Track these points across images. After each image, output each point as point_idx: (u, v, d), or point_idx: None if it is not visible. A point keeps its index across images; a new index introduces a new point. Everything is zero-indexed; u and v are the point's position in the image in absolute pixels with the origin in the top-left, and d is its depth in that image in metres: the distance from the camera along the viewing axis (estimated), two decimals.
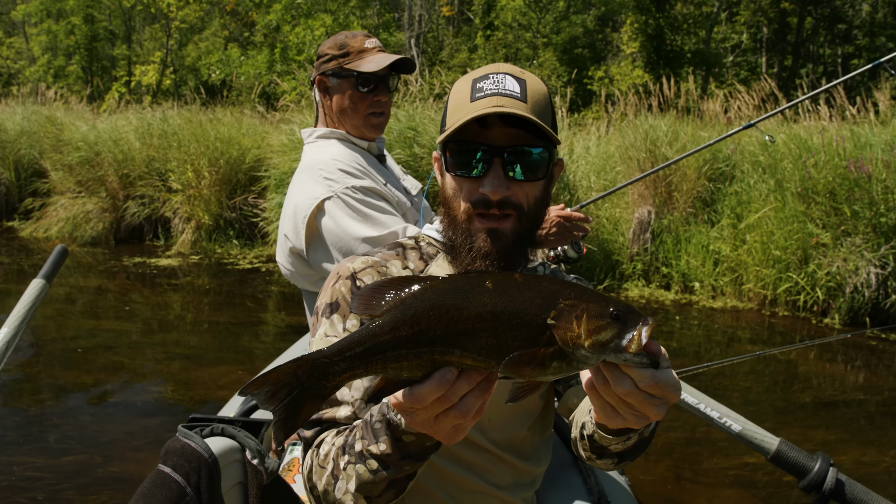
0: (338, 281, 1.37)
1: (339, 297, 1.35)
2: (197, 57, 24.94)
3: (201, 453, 1.50)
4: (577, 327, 0.92)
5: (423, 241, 1.50)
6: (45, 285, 2.73)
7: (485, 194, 1.31)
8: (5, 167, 11.73)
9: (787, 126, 9.00)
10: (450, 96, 1.39)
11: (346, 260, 1.41)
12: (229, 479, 1.59)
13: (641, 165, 8.58)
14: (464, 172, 1.33)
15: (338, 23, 17.43)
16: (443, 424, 0.99)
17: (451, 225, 1.38)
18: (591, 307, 0.93)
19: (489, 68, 1.37)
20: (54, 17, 28.35)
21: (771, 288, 7.45)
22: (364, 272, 1.37)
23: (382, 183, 2.28)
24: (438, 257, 1.45)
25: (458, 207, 1.36)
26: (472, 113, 1.29)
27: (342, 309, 1.34)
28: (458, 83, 1.39)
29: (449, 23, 28.98)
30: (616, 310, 0.93)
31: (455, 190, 1.36)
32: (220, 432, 1.65)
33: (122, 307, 7.23)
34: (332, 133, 2.34)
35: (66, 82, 25.15)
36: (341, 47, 2.30)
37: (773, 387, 5.51)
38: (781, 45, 25.10)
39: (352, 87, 2.29)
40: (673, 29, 21.53)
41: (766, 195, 7.89)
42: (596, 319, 0.92)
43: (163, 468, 1.47)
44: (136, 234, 10.60)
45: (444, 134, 1.36)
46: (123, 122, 11.47)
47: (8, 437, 4.20)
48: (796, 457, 2.02)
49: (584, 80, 21.00)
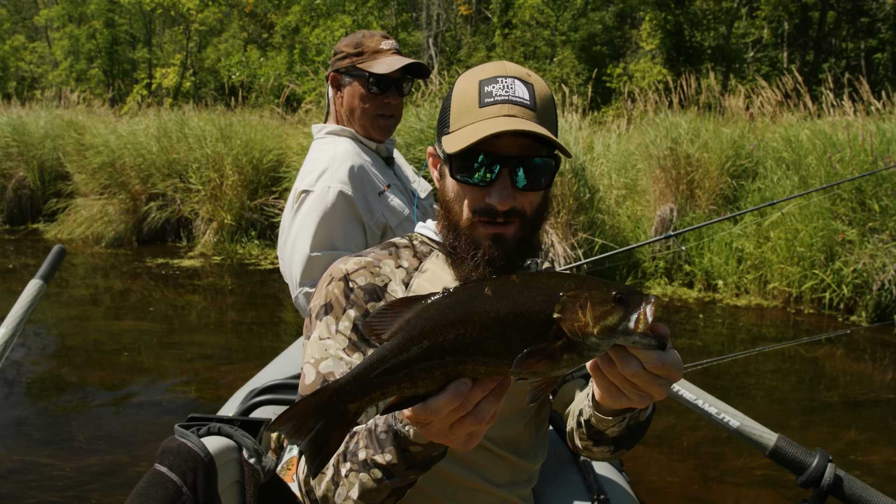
0: (331, 282, 1.36)
1: (332, 298, 1.34)
2: (216, 59, 25.10)
3: (198, 452, 1.50)
4: (584, 316, 0.94)
5: (417, 240, 1.48)
6: (43, 286, 2.75)
7: (491, 204, 1.30)
8: (29, 170, 11.87)
9: (811, 122, 8.90)
10: (453, 95, 1.35)
11: (339, 261, 1.39)
12: (226, 479, 1.59)
13: (662, 163, 8.51)
14: (470, 179, 1.30)
15: (357, 23, 17.47)
16: (458, 433, 1.00)
17: (452, 229, 1.36)
18: (593, 294, 0.95)
19: (495, 69, 1.33)
20: (76, 21, 28.68)
21: (796, 285, 7.36)
22: (357, 273, 1.36)
23: (382, 189, 2.26)
24: (432, 255, 1.44)
25: (460, 213, 1.34)
26: (483, 121, 1.28)
27: (335, 310, 1.33)
28: (463, 82, 1.35)
29: (467, 22, 28.97)
30: (618, 293, 0.95)
31: (458, 194, 1.34)
32: (217, 431, 1.65)
33: (146, 308, 7.29)
34: (343, 131, 2.34)
35: (87, 86, 25.43)
36: (357, 46, 2.29)
37: (799, 385, 5.45)
38: (803, 40, 24.82)
39: (363, 87, 2.28)
40: (692, 25, 21.34)
41: (790, 192, 7.80)
42: (601, 305, 0.94)
43: (159, 467, 1.47)
44: (158, 235, 10.68)
45: (449, 137, 1.32)
46: (145, 124, 11.56)
47: (36, 436, 4.25)
48: (794, 453, 2.01)
49: (604, 78, 20.89)
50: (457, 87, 1.35)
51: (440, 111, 1.39)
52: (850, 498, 1.90)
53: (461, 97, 1.33)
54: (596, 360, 1.04)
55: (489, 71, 1.33)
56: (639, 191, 8.96)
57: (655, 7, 20.99)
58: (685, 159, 8.37)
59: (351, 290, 1.33)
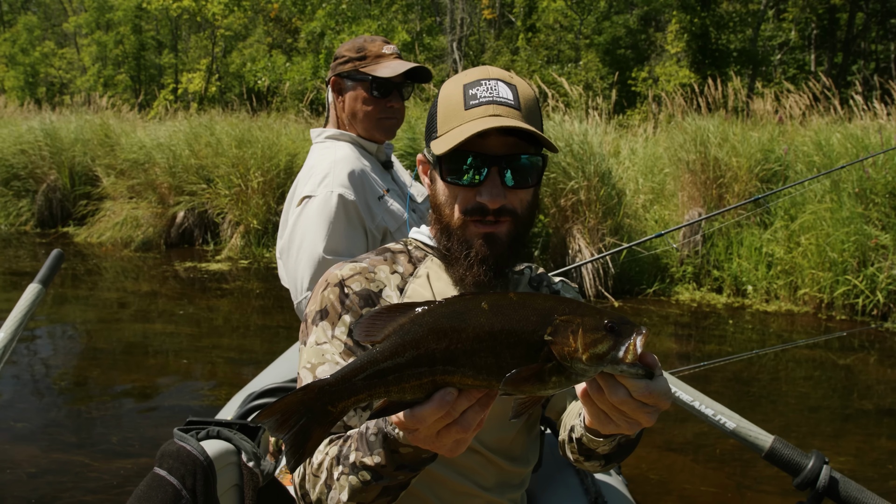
0: (326, 288, 1.37)
1: (327, 304, 1.35)
2: (241, 64, 25.31)
3: (197, 456, 1.51)
4: (574, 342, 0.96)
5: (411, 245, 1.49)
6: (42, 290, 2.76)
7: (482, 203, 1.32)
8: (61, 174, 12.04)
9: (841, 125, 8.78)
10: (439, 101, 1.38)
11: (335, 267, 1.40)
12: (225, 482, 1.60)
13: (691, 167, 8.44)
14: (459, 180, 1.33)
15: (382, 28, 17.53)
16: (444, 440, 1.02)
17: (445, 232, 1.38)
18: (585, 321, 0.97)
19: (478, 73, 1.36)
20: (103, 27, 29.07)
21: (827, 291, 7.25)
22: (352, 279, 1.37)
23: (381, 193, 2.26)
24: (426, 260, 1.45)
25: (451, 214, 1.36)
26: (469, 122, 1.30)
27: (331, 316, 1.34)
28: (447, 88, 1.37)
29: (490, 26, 28.95)
30: (610, 322, 0.97)
31: (448, 197, 1.36)
32: (216, 435, 1.65)
33: (175, 311, 7.35)
34: (343, 135, 2.34)
35: (114, 91, 25.75)
36: (359, 50, 2.30)
37: (831, 392, 5.37)
38: (831, 42, 24.51)
39: (366, 91, 2.29)
40: (719, 27, 21.15)
41: (821, 196, 7.69)
42: (591, 333, 0.96)
43: (158, 471, 1.48)
44: (186, 238, 10.78)
45: (437, 141, 1.35)
46: (173, 128, 11.68)
47: (70, 438, 4.29)
48: (790, 454, 2.01)
49: (629, 82, 20.77)
50: (442, 93, 1.38)
51: (427, 118, 1.41)
52: (846, 499, 1.90)
53: (446, 102, 1.35)
54: (585, 387, 1.07)
55: (473, 75, 1.36)
56: (666, 195, 8.89)
57: (681, 10, 20.83)
58: (714, 163, 8.29)
59: (346, 295, 1.34)
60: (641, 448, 4.12)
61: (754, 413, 4.81)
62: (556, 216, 8.06)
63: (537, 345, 0.96)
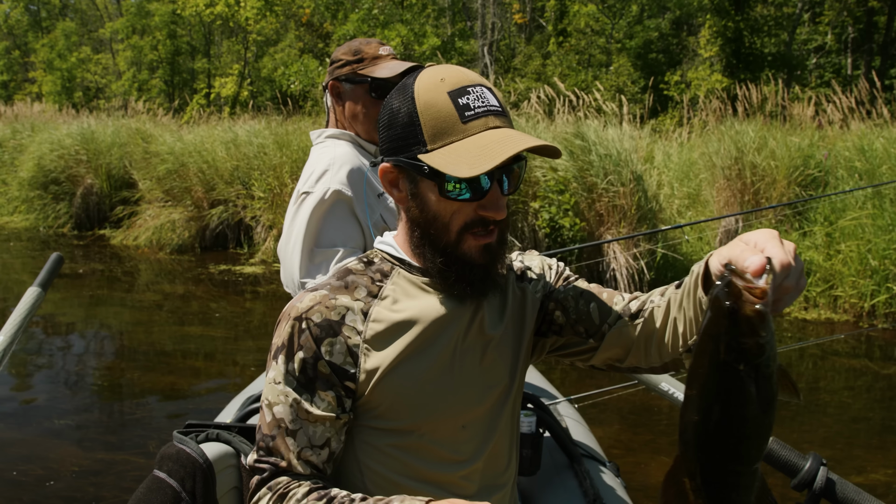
0: (287, 321, 1.32)
1: (285, 338, 1.31)
2: (273, 68, 25.57)
3: (196, 458, 1.51)
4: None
5: (377, 258, 1.41)
6: (41, 293, 2.78)
7: (486, 216, 1.27)
8: (98, 177, 12.23)
9: (886, 129, 8.61)
10: (419, 109, 1.26)
11: (296, 299, 1.34)
12: (224, 484, 1.60)
13: (726, 173, 8.34)
14: (462, 195, 1.26)
15: (413, 32, 17.59)
16: None
17: (433, 247, 1.31)
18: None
19: (454, 77, 1.27)
20: (139, 33, 29.58)
21: (868, 299, 7.11)
22: (311, 311, 1.30)
23: (380, 191, 2.26)
24: (394, 274, 1.37)
25: (446, 229, 1.29)
26: (473, 136, 1.24)
27: (286, 350, 1.30)
28: (428, 95, 1.26)
29: (521, 30, 28.93)
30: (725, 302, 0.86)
31: (443, 212, 1.29)
32: (216, 438, 1.66)
33: (210, 314, 7.42)
34: (343, 134, 2.34)
35: (148, 95, 26.16)
36: (356, 53, 2.29)
37: (872, 403, 5.26)
38: (868, 46, 24.10)
39: (364, 93, 2.28)
40: (753, 31, 20.91)
41: (862, 202, 7.55)
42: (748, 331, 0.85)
43: (158, 473, 1.48)
44: (220, 241, 10.89)
45: (439, 156, 1.25)
46: (208, 132, 11.82)
47: (111, 439, 4.34)
48: (788, 455, 1.98)
49: (661, 86, 20.61)
50: (421, 100, 1.26)
51: (397, 125, 1.29)
52: (843, 501, 1.88)
53: (433, 111, 1.25)
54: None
55: (450, 80, 1.27)
56: (702, 201, 8.79)
57: (715, 13, 20.63)
58: (751, 169, 8.18)
59: (302, 330, 1.29)
60: (640, 450, 4.16)
61: (793, 423, 4.73)
62: (591, 221, 8.01)
63: None
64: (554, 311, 1.48)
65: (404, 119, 1.27)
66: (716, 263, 0.97)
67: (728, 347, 0.86)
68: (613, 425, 4.61)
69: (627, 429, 4.61)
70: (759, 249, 0.94)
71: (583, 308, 1.45)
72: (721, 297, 0.86)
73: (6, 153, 14.60)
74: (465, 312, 1.35)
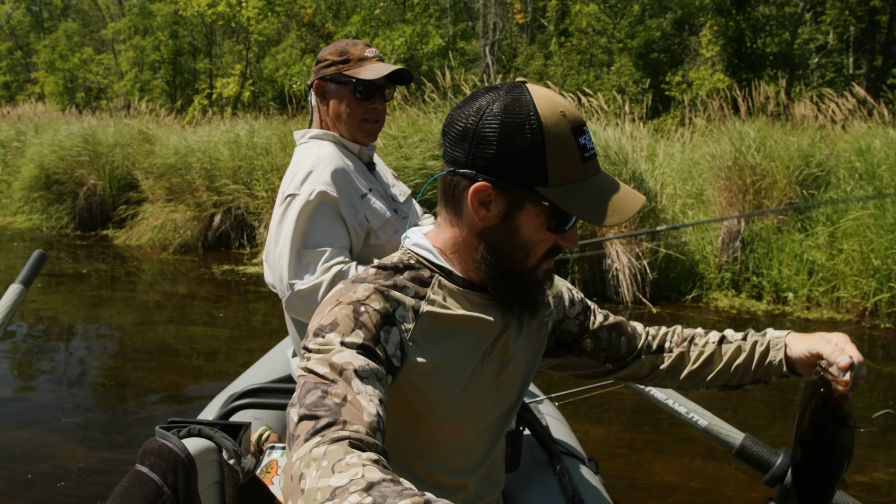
0: (337, 306, 1.24)
1: (338, 318, 1.21)
2: (274, 69, 25.57)
3: (178, 453, 1.52)
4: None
5: (412, 260, 1.36)
6: (23, 290, 2.79)
7: (565, 246, 1.33)
8: (101, 177, 12.25)
9: (881, 129, 8.62)
10: (547, 139, 1.22)
11: (345, 289, 1.27)
12: (206, 479, 1.62)
13: (727, 173, 8.34)
14: (561, 229, 1.29)
15: (416, 32, 17.59)
16: None
17: (506, 269, 1.31)
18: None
19: (571, 111, 1.25)
20: (141, 33, 29.60)
21: (871, 299, 7.12)
22: (370, 299, 1.25)
23: (364, 192, 2.28)
24: (434, 280, 1.34)
25: (527, 258, 1.31)
26: (589, 179, 1.27)
27: (342, 328, 1.19)
28: (557, 127, 1.23)
29: (522, 30, 28.94)
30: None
31: (533, 242, 1.30)
32: (198, 433, 1.67)
33: (213, 314, 7.44)
34: (326, 135, 2.37)
35: (150, 95, 26.17)
36: (342, 54, 2.32)
37: (881, 400, 5.27)
38: (870, 45, 24.07)
39: (349, 94, 2.31)
40: (755, 31, 20.89)
41: (864, 202, 7.56)
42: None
43: (140, 468, 1.49)
44: (222, 241, 10.91)
45: (561, 193, 1.24)
46: (210, 133, 11.84)
47: (118, 439, 4.36)
48: (760, 451, 2.09)
49: (662, 86, 20.60)
50: (550, 133, 1.22)
51: (514, 149, 1.23)
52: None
53: (560, 145, 1.23)
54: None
55: (569, 115, 1.25)
56: (704, 201, 8.79)
57: (716, 13, 20.61)
58: (751, 169, 8.19)
59: (362, 313, 1.22)
60: (618, 446, 4.22)
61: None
62: None
63: None
64: (584, 339, 1.59)
65: (527, 147, 1.22)
66: (802, 350, 1.49)
67: (823, 417, 1.34)
68: (593, 423, 4.63)
69: (607, 427, 4.64)
70: (840, 349, 1.38)
71: (614, 340, 1.62)
72: (819, 383, 1.35)
73: (9, 154, 14.63)
74: (498, 326, 1.38)
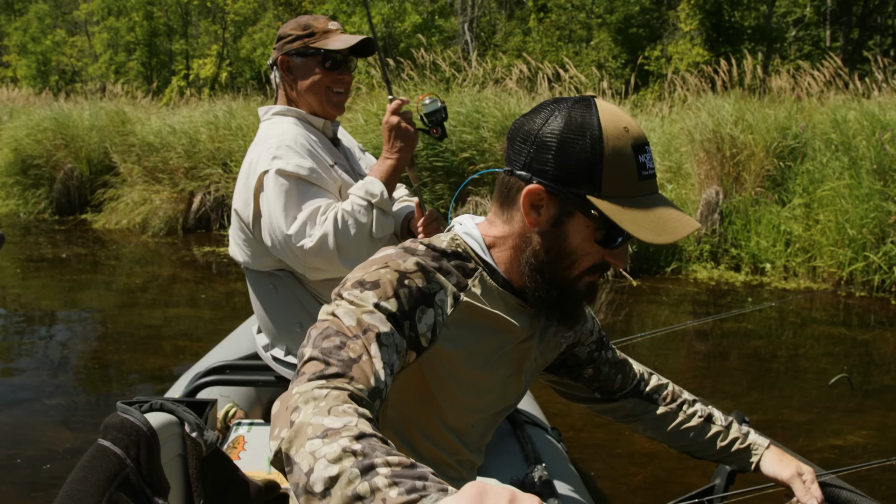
0: (384, 268, 1.23)
1: (380, 279, 1.20)
2: (252, 49, 25.28)
3: (140, 427, 1.54)
4: None
5: (460, 248, 1.35)
6: None
7: (614, 263, 1.31)
8: (78, 161, 12.12)
9: (857, 102, 8.71)
10: (607, 150, 1.21)
11: (397, 256, 1.27)
12: (168, 452, 1.65)
13: (706, 146, 8.40)
14: (610, 244, 1.29)
15: (393, 10, 17.46)
16: None
17: (548, 276, 1.31)
18: None
19: (635, 128, 1.25)
20: (115, 14, 29.10)
21: (846, 268, 7.24)
22: (415, 275, 1.24)
23: (330, 164, 2.30)
24: (476, 276, 1.34)
25: (572, 268, 1.31)
26: (644, 196, 1.26)
27: (380, 290, 1.18)
28: (618, 141, 1.22)
29: (501, 6, 28.77)
30: None
31: (579, 252, 1.29)
32: (160, 408, 1.70)
33: (195, 295, 7.43)
34: (289, 111, 2.38)
35: (126, 78, 25.81)
36: (305, 28, 2.33)
37: (851, 371, 5.38)
38: (847, 18, 24.19)
39: (318, 65, 2.32)
40: (733, 4, 20.90)
41: (839, 173, 7.66)
42: None
43: (102, 442, 1.51)
44: (202, 223, 10.85)
45: (612, 206, 1.22)
46: (188, 114, 11.73)
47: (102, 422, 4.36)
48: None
49: (641, 61, 20.59)
50: (609, 145, 1.22)
51: (573, 156, 1.22)
52: None
53: (618, 158, 1.22)
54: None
55: (632, 132, 1.25)
56: (683, 174, 8.86)
57: None
58: (730, 142, 8.25)
59: (404, 285, 1.21)
60: (581, 418, 4.25)
61: (773, 389, 4.83)
62: None
63: None
64: (587, 367, 1.63)
65: (585, 155, 1.22)
66: (775, 472, 1.58)
67: None
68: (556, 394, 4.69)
69: None
70: (809, 491, 1.51)
71: (613, 376, 1.66)
72: None
73: None
74: (524, 333, 1.40)
